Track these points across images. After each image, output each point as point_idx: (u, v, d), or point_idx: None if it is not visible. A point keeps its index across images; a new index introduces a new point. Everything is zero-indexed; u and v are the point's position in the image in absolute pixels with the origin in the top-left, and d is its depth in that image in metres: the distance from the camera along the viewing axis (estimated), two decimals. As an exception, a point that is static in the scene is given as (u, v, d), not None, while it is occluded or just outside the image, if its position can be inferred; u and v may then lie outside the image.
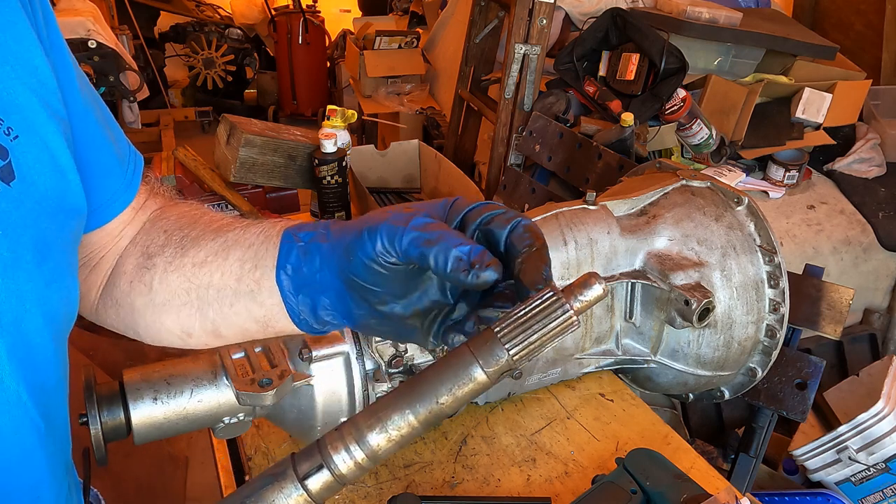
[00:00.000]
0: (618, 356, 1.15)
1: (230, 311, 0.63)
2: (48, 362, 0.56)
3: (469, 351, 0.48)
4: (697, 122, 1.98)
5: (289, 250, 0.59)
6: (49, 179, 0.54)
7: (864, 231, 2.25)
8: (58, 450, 0.60)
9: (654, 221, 1.12)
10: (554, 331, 0.47)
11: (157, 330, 0.68)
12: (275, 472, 0.49)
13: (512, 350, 0.47)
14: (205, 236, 0.66)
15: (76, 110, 0.59)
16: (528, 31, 2.00)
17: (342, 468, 0.48)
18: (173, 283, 0.65)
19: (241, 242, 0.63)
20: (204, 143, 3.83)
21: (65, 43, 0.60)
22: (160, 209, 0.73)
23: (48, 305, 0.54)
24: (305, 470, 0.48)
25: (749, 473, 1.46)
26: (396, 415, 0.48)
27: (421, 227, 0.50)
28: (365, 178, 2.05)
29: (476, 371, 0.47)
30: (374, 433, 0.48)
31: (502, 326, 0.47)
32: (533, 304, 0.47)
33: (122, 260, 0.69)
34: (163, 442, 1.26)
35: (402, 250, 0.50)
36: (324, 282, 0.57)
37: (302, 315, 0.59)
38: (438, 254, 0.49)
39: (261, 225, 0.64)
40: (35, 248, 0.52)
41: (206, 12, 5.35)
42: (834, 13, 3.16)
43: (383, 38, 3.61)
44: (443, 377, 0.48)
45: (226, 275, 0.63)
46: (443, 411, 0.48)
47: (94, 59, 3.46)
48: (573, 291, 0.47)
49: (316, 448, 0.49)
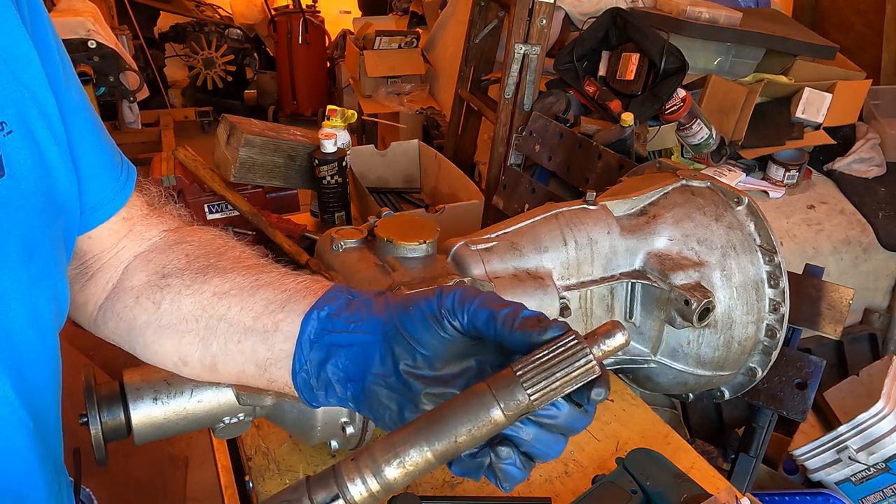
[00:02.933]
0: (618, 356, 1.15)
1: (235, 347, 0.62)
2: (35, 361, 0.55)
3: (489, 391, 0.48)
4: (697, 122, 1.98)
5: (332, 298, 0.59)
6: (38, 176, 0.53)
7: (864, 231, 2.25)
8: (48, 448, 0.59)
9: (654, 221, 1.12)
10: (575, 376, 0.47)
11: (154, 351, 0.67)
12: (290, 498, 0.48)
13: (532, 394, 0.47)
14: (234, 269, 0.65)
15: (68, 108, 0.59)
16: (528, 31, 2.00)
17: (357, 498, 0.48)
18: (184, 308, 0.64)
19: (276, 286, 0.62)
20: (204, 143, 3.83)
21: (58, 40, 0.59)
22: (176, 230, 0.71)
23: (34, 304, 0.54)
24: (321, 498, 0.48)
25: (749, 473, 1.46)
26: (414, 450, 0.48)
27: (493, 297, 0.52)
28: (365, 178, 2.06)
29: (495, 412, 0.47)
30: (392, 467, 0.48)
31: (524, 369, 0.47)
32: (556, 348, 0.48)
33: (129, 274, 0.68)
34: (163, 442, 1.26)
35: (471, 313, 0.51)
36: (353, 338, 0.55)
37: (306, 365, 0.57)
38: (508, 316, 0.50)
39: (302, 276, 0.63)
40: (22, 245, 0.52)
41: (206, 12, 5.35)
42: (834, 13, 3.16)
43: (383, 38, 3.61)
44: (462, 416, 0.48)
45: (245, 311, 0.61)
46: (459, 448, 0.48)
47: (94, 59, 3.46)
48: (596, 339, 0.48)
49: (332, 476, 0.49)
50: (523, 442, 0.50)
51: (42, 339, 0.56)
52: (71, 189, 0.58)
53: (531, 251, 1.08)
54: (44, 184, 0.54)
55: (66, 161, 0.57)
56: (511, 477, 0.50)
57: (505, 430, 0.49)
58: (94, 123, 0.65)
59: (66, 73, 0.60)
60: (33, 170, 0.53)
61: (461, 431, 0.48)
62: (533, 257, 1.07)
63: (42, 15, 0.57)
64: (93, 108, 0.65)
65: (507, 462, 0.49)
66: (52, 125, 0.55)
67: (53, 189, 0.55)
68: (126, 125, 4.13)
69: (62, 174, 0.56)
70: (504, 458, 0.49)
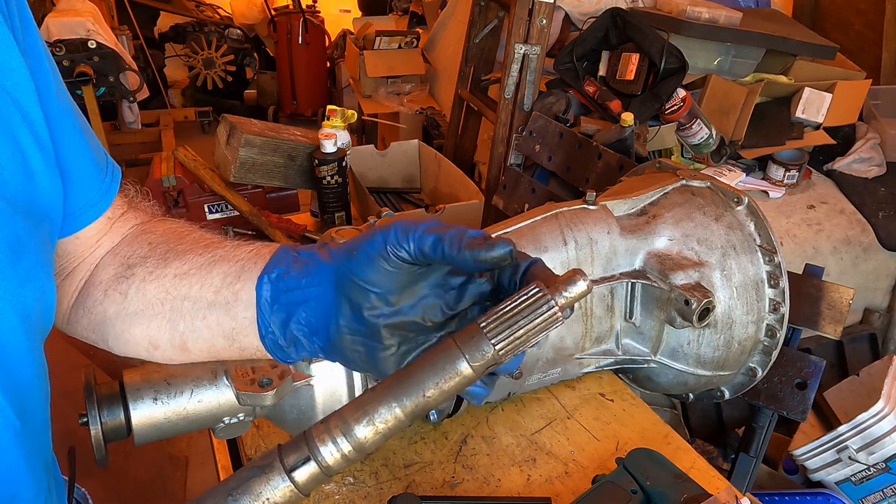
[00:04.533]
0: (618, 356, 1.15)
1: (202, 323, 0.63)
2: (22, 361, 0.56)
3: (455, 345, 0.48)
4: (697, 122, 1.98)
5: (280, 259, 0.60)
6: (21, 181, 0.54)
7: (864, 231, 2.25)
8: (35, 448, 0.60)
9: (654, 221, 1.12)
10: (539, 325, 0.47)
11: (125, 340, 0.67)
12: (261, 464, 0.49)
13: (498, 345, 0.48)
14: (192, 250, 0.66)
15: (53, 114, 0.59)
16: (528, 31, 2.00)
17: (329, 460, 0.48)
18: (149, 293, 0.65)
19: (229, 258, 0.63)
20: (204, 143, 3.84)
21: (43, 45, 0.60)
22: (144, 223, 0.72)
23: (22, 304, 0.54)
24: (292, 462, 0.48)
25: (749, 473, 1.46)
26: (383, 408, 0.49)
27: (434, 223, 0.52)
28: (365, 178, 2.06)
29: (462, 365, 0.48)
30: (361, 426, 0.48)
31: (488, 321, 0.48)
32: (518, 299, 0.48)
33: (98, 270, 0.69)
34: (163, 442, 1.26)
35: (416, 239, 0.51)
36: (307, 293, 0.56)
37: (271, 327, 0.58)
38: (454, 237, 0.50)
39: (253, 244, 0.64)
40: (9, 247, 0.52)
41: (206, 12, 5.35)
42: (834, 13, 3.16)
43: (383, 38, 3.61)
44: (429, 371, 0.49)
45: (205, 287, 0.63)
46: (429, 404, 0.49)
47: (94, 60, 3.46)
48: (558, 287, 0.48)
49: (303, 440, 0.49)
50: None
51: (30, 340, 0.56)
52: (55, 194, 0.59)
53: (531, 251, 1.08)
54: (27, 189, 0.55)
55: (50, 167, 0.58)
56: (475, 395, 0.52)
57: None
58: (81, 128, 0.65)
59: (54, 79, 0.61)
60: (16, 175, 0.53)
61: (429, 386, 0.48)
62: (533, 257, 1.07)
63: (30, 22, 0.58)
64: (79, 111, 0.66)
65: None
66: (36, 132, 0.56)
67: (37, 194, 0.56)
68: (126, 125, 4.13)
69: (45, 180, 0.57)
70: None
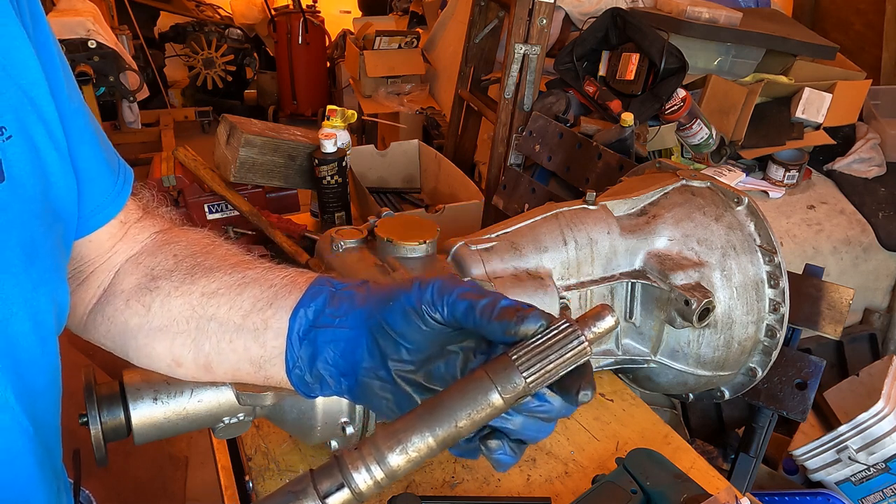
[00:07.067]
0: (618, 356, 1.15)
1: (228, 346, 0.62)
2: (35, 365, 0.55)
3: (487, 376, 0.49)
4: (697, 122, 1.98)
5: (317, 293, 0.59)
6: (37, 182, 0.53)
7: (864, 231, 2.25)
8: (47, 452, 0.59)
9: (654, 221, 1.12)
10: (569, 359, 0.49)
11: (147, 354, 0.67)
12: (295, 490, 0.49)
13: (529, 377, 0.49)
14: (220, 268, 0.65)
15: (68, 113, 0.59)
16: (528, 31, 2.00)
17: (362, 486, 0.49)
18: (175, 310, 0.64)
19: (262, 282, 0.63)
20: (204, 143, 3.84)
21: (56, 44, 0.59)
22: (165, 232, 0.72)
23: (36, 308, 0.53)
24: (326, 488, 0.49)
25: (749, 473, 1.46)
26: (416, 436, 0.49)
27: (471, 288, 0.53)
28: (365, 178, 2.06)
29: (494, 396, 0.49)
30: (395, 454, 0.49)
31: (519, 353, 0.49)
32: (549, 332, 0.49)
33: (120, 278, 0.68)
34: (163, 442, 1.26)
35: (450, 304, 0.52)
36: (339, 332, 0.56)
37: (298, 362, 0.58)
38: (486, 306, 0.51)
39: (287, 270, 0.64)
40: (23, 250, 0.52)
41: (206, 12, 5.35)
42: (834, 13, 3.16)
43: (383, 38, 3.61)
44: (459, 401, 0.49)
45: (234, 309, 0.62)
46: (460, 433, 0.50)
47: (94, 59, 3.46)
48: (587, 322, 0.50)
49: (336, 466, 0.49)
50: (512, 431, 0.51)
51: (43, 344, 0.56)
52: (70, 194, 0.58)
53: (531, 251, 1.08)
54: (42, 189, 0.54)
55: (65, 166, 0.57)
56: (503, 463, 0.52)
57: (492, 422, 0.51)
58: (93, 128, 0.65)
59: (66, 78, 0.60)
60: (32, 175, 0.53)
61: (461, 416, 0.49)
62: (533, 257, 1.07)
63: (43, 20, 0.57)
64: (91, 112, 0.65)
65: (499, 452, 0.52)
66: (51, 131, 0.55)
67: (52, 194, 0.55)
68: (126, 125, 4.13)
69: (60, 179, 0.56)
70: (494, 450, 0.51)
